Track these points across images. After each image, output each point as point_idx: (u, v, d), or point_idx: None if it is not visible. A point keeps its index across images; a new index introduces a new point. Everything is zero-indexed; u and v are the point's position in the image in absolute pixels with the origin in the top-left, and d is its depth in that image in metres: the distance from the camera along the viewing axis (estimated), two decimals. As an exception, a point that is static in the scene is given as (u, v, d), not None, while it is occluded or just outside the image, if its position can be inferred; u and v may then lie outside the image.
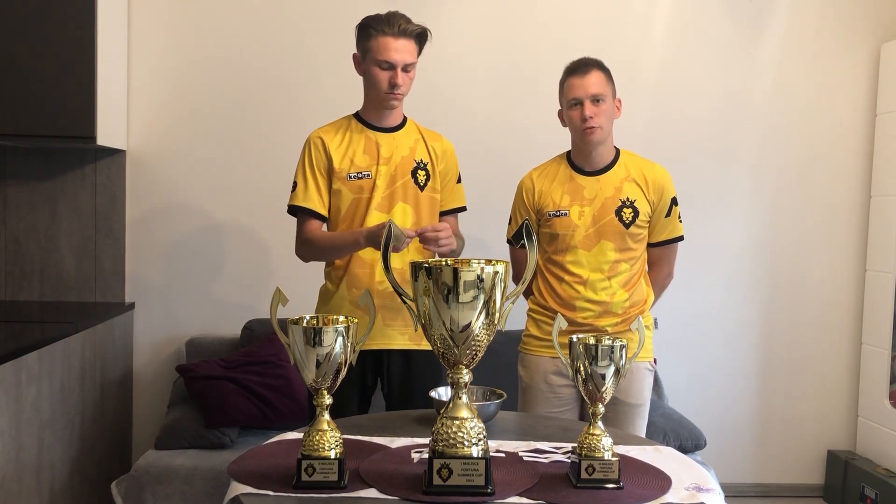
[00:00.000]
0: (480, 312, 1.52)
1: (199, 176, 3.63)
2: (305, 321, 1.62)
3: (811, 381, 3.90)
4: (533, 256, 1.63)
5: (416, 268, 1.54)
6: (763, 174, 3.83)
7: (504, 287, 1.55)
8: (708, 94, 3.77)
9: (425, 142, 2.51)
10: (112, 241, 3.60)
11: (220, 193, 3.65)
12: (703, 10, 3.74)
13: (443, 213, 2.56)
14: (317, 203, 2.45)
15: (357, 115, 2.51)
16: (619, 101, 2.53)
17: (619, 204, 2.47)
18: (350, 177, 2.43)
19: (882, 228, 3.74)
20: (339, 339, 1.58)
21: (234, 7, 3.62)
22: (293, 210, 2.49)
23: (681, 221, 2.59)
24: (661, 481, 1.66)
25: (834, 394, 3.91)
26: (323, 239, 2.45)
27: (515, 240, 2.54)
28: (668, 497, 1.58)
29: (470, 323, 1.51)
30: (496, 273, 1.52)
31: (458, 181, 2.60)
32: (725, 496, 1.70)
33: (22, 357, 2.62)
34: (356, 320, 1.66)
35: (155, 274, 3.65)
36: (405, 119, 2.54)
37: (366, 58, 2.40)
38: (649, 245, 2.58)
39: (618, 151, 2.55)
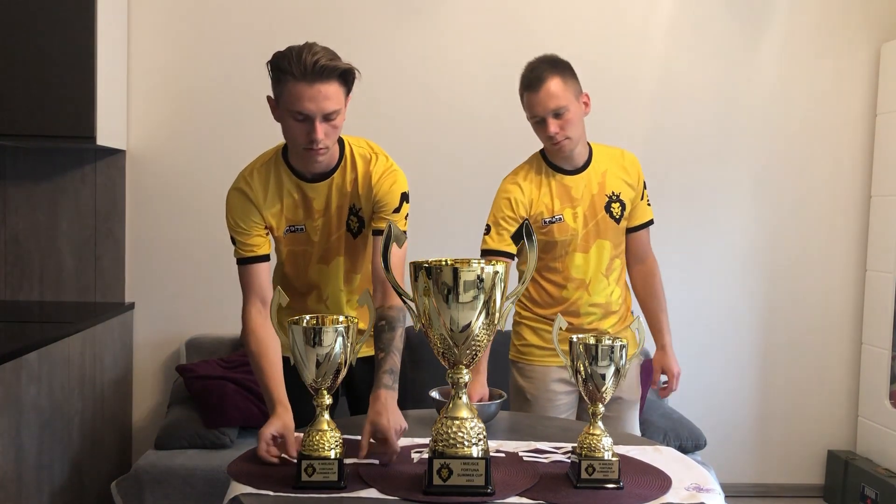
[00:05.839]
0: (480, 312, 1.52)
1: (199, 176, 3.63)
2: (305, 321, 1.62)
3: (811, 382, 3.90)
4: (533, 257, 1.62)
5: (416, 268, 1.54)
6: (763, 174, 3.82)
7: (504, 287, 1.55)
8: (708, 94, 3.77)
9: (358, 184, 2.09)
10: (112, 241, 3.60)
11: (220, 193, 3.58)
12: (703, 10, 3.74)
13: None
14: (253, 250, 2.09)
15: (285, 158, 2.09)
16: (587, 95, 2.40)
17: (607, 200, 2.43)
18: (285, 232, 2.12)
19: (882, 228, 3.74)
20: (339, 339, 1.58)
21: (233, 7, 3.62)
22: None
23: (649, 205, 2.54)
24: (661, 481, 1.66)
25: (834, 394, 3.91)
26: (254, 355, 2.02)
27: (516, 239, 2.51)
28: (668, 497, 1.58)
29: (470, 323, 1.51)
30: (496, 273, 1.52)
31: (400, 207, 2.09)
32: (725, 496, 1.70)
33: (22, 357, 2.62)
34: (356, 320, 1.66)
35: (155, 274, 3.65)
36: (341, 153, 2.09)
37: (279, 104, 1.95)
38: (633, 230, 2.51)
39: (589, 145, 2.48)
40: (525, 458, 1.76)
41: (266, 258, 2.10)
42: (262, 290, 2.07)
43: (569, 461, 1.70)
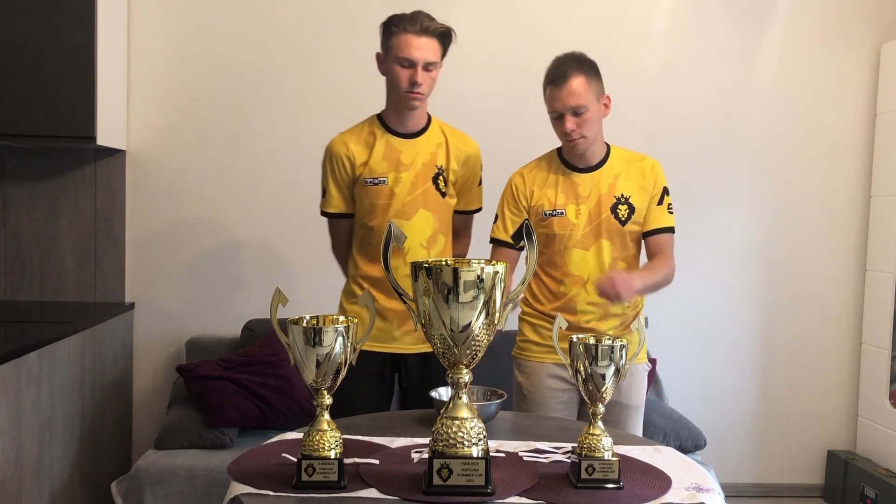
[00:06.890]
0: (480, 312, 1.52)
1: (199, 176, 3.63)
2: (305, 321, 1.62)
3: (811, 381, 3.89)
4: (533, 256, 1.62)
5: (416, 268, 1.54)
6: (763, 174, 3.82)
7: (504, 287, 1.55)
8: (708, 94, 3.77)
9: (448, 147, 2.48)
10: (112, 241, 3.60)
11: (220, 193, 3.65)
12: (703, 9, 3.74)
13: (459, 213, 2.57)
14: (339, 207, 2.53)
15: (380, 117, 2.48)
16: (608, 97, 2.45)
17: (614, 201, 2.43)
18: (367, 182, 2.42)
19: (882, 228, 3.74)
20: (339, 339, 1.58)
21: (234, 7, 3.62)
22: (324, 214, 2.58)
23: (671, 213, 2.50)
24: (661, 481, 1.66)
25: (834, 394, 3.90)
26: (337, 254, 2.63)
27: (515, 239, 2.51)
28: (668, 497, 1.58)
29: (470, 323, 1.51)
30: (496, 273, 1.52)
31: (480, 183, 2.59)
32: (725, 496, 1.70)
33: (22, 357, 2.62)
34: (356, 320, 1.66)
35: (155, 274, 3.65)
36: (429, 120, 2.50)
37: (387, 56, 2.38)
38: (646, 235, 2.48)
39: (608, 146, 2.50)
40: (525, 458, 1.76)
41: (349, 216, 2.51)
42: (343, 233, 2.57)
43: (569, 461, 1.70)
